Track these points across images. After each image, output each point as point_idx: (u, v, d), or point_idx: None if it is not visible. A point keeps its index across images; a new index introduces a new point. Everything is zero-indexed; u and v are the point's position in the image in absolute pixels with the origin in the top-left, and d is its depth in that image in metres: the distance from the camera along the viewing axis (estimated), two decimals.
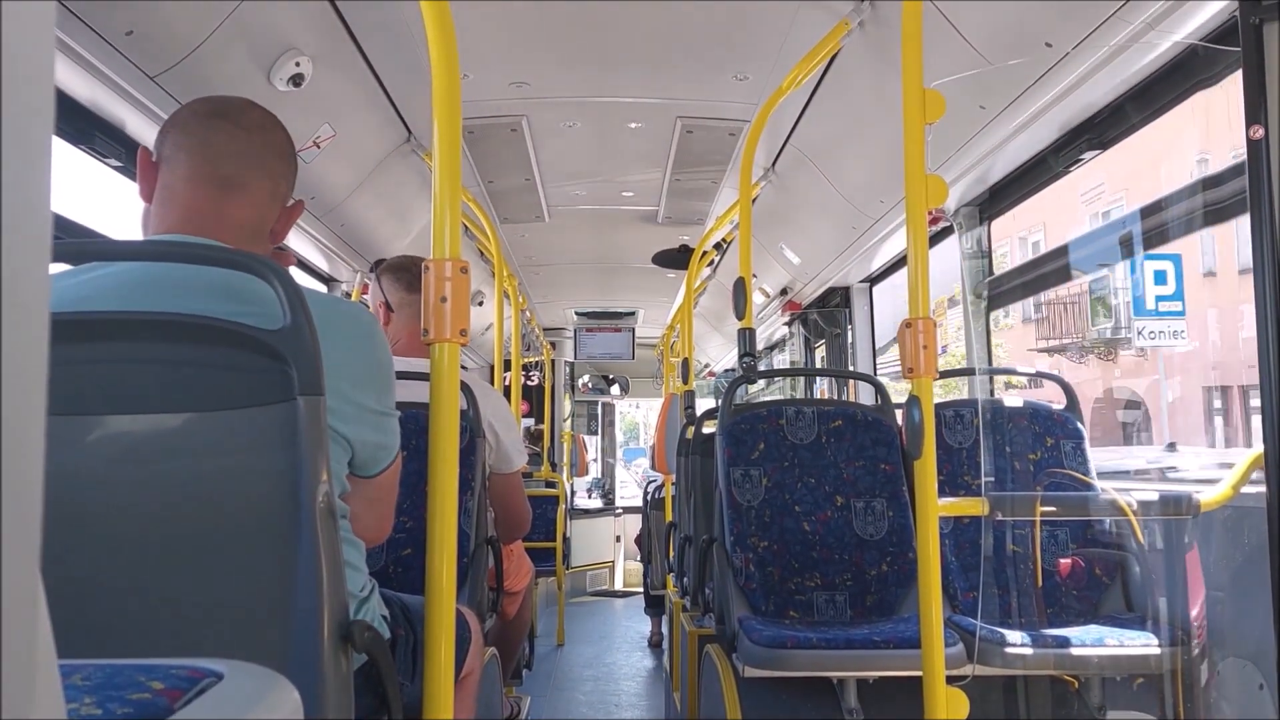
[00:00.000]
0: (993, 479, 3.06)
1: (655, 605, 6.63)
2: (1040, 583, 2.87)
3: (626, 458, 17.66)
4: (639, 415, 22.09)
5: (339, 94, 3.16)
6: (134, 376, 1.16)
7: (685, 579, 3.78)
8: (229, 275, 1.26)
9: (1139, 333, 14.19)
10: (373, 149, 3.72)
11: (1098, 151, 2.91)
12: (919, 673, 1.77)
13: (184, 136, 1.41)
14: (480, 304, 6.94)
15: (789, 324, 6.57)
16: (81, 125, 2.48)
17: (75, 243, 1.34)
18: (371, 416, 1.39)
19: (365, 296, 4.42)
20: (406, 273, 2.64)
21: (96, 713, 0.70)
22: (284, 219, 1.51)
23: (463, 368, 1.61)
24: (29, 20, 0.39)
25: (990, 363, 3.90)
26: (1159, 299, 13.42)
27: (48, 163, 0.41)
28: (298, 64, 2.74)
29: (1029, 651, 2.50)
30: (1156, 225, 2.79)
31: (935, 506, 1.77)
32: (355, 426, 1.36)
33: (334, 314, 1.34)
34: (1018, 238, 15.95)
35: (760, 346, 7.81)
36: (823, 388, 6.68)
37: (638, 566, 8.60)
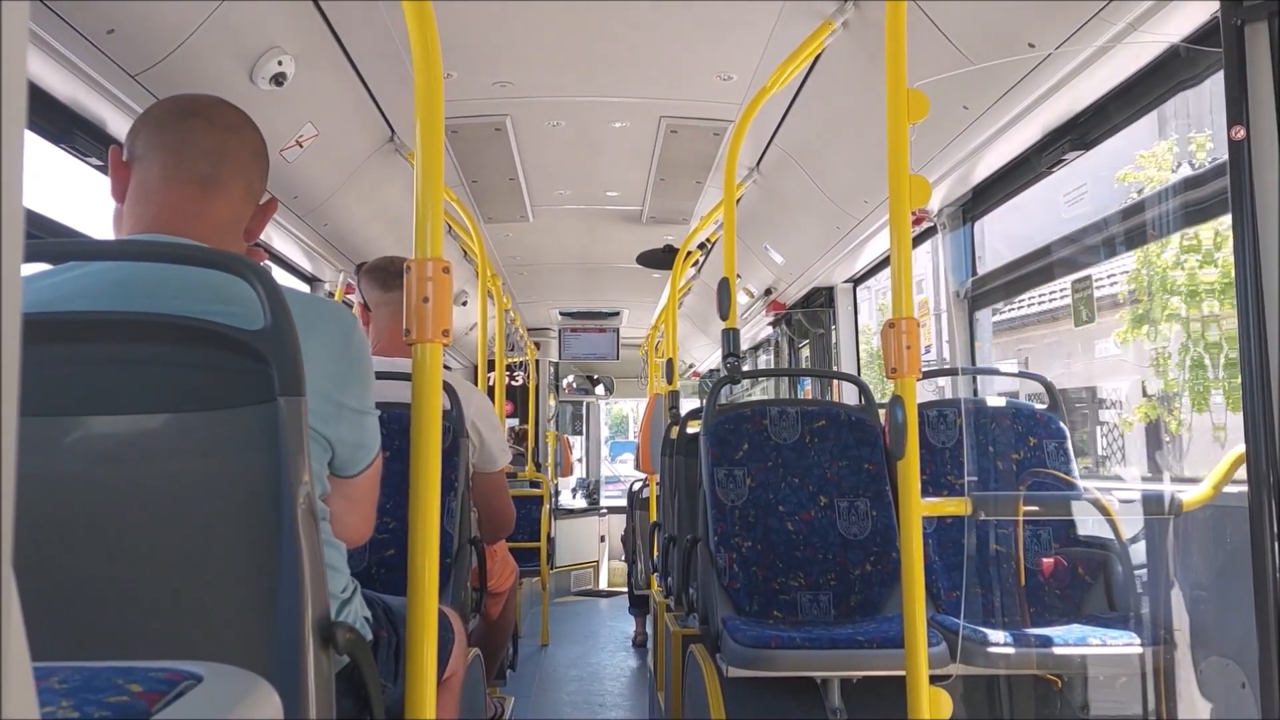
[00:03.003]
0: (976, 479, 3.07)
1: (640, 605, 6.63)
2: (1023, 582, 2.88)
3: (612, 452, 17.34)
4: (627, 407, 21.80)
5: (321, 93, 3.15)
6: (114, 377, 1.14)
7: (669, 579, 3.78)
8: (209, 275, 1.24)
9: None
10: (355, 148, 3.71)
11: (1080, 152, 2.93)
12: (902, 672, 1.77)
13: (158, 135, 1.40)
14: (464, 304, 6.92)
15: (773, 324, 6.58)
16: (62, 124, 2.46)
17: (54, 242, 1.33)
18: (351, 415, 1.38)
19: (349, 296, 4.40)
20: (383, 272, 2.62)
21: (74, 715, 0.69)
22: (258, 217, 1.50)
23: (446, 368, 1.60)
24: (1, 15, 0.39)
25: (975, 361, 3.91)
26: None
27: (20, 159, 0.40)
28: (280, 63, 2.73)
29: (1012, 651, 2.51)
30: (1138, 224, 2.81)
31: (919, 506, 1.77)
32: (335, 426, 1.35)
33: (313, 313, 1.33)
34: None
35: (745, 347, 7.82)
36: (806, 388, 6.69)
37: (622, 566, 8.60)
